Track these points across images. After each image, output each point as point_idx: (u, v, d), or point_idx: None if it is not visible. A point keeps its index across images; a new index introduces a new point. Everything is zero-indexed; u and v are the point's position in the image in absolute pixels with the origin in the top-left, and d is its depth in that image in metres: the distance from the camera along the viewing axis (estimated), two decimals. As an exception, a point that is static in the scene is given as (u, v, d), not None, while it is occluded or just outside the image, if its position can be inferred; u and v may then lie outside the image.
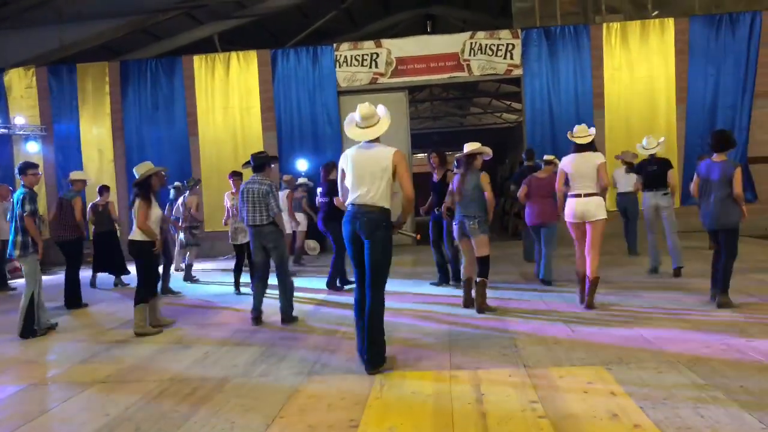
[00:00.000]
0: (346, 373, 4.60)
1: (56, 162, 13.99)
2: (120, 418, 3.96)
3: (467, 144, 6.67)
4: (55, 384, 4.85)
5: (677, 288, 7.14)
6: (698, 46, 13.01)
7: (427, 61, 13.60)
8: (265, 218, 6.49)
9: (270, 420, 3.76)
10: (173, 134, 14.05)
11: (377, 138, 4.75)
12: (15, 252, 6.50)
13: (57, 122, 14.13)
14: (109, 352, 5.74)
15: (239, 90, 13.96)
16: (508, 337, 5.34)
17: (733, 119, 12.89)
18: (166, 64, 14.12)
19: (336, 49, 13.78)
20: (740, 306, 5.99)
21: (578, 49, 13.29)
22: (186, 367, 5.02)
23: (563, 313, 6.18)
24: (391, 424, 3.59)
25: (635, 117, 13.13)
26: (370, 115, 4.76)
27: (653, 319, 5.73)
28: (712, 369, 4.19)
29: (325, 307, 7.24)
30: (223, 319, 7.01)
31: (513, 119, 25.11)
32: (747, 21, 12.91)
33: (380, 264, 4.64)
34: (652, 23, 13.20)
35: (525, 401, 3.81)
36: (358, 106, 4.80)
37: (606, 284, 7.25)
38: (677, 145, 12.96)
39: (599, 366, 4.40)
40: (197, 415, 3.91)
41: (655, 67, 13.15)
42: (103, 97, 14.10)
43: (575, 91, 13.34)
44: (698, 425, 3.31)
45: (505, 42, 13.41)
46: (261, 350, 5.42)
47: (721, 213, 6.01)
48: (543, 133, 13.36)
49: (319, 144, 13.86)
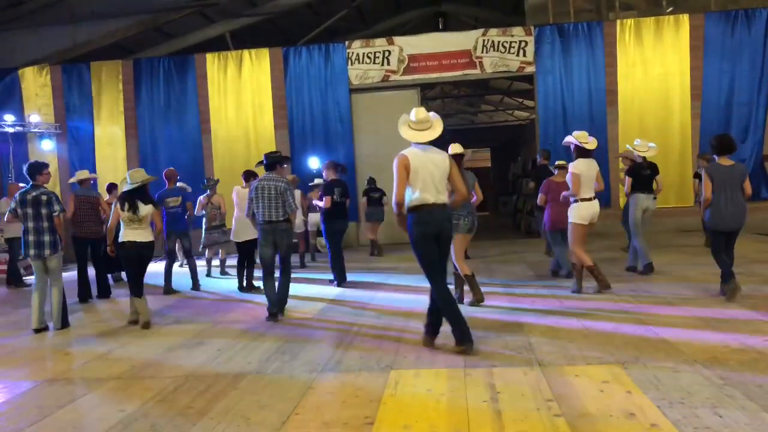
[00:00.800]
0: (360, 370, 4.59)
1: (70, 160, 14.11)
2: (135, 414, 3.97)
3: (454, 145, 6.84)
4: (70, 380, 4.89)
5: (684, 281, 7.09)
6: (713, 43, 12.91)
7: (440, 59, 13.58)
8: (281, 214, 6.60)
9: (285, 417, 3.76)
10: (186, 132, 14.14)
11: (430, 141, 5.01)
12: (46, 251, 6.53)
13: (71, 120, 14.25)
14: (124, 348, 5.77)
15: (251, 88, 14.01)
16: (522, 335, 5.32)
17: (748, 116, 12.79)
18: (179, 63, 14.20)
19: (348, 47, 13.79)
20: (758, 306, 5.94)
21: (592, 46, 13.23)
22: (200, 364, 5.04)
23: (577, 310, 6.15)
24: (405, 422, 3.58)
25: (649, 114, 13.05)
26: (426, 119, 5.02)
27: (667, 316, 5.68)
28: (730, 369, 4.14)
29: (338, 306, 7.24)
30: (236, 315, 7.03)
31: (524, 117, 25.00)
32: (763, 17, 12.79)
33: (448, 255, 5.13)
34: (666, 20, 13.10)
35: (540, 400, 3.79)
36: (414, 110, 5.06)
37: (616, 281, 7.23)
38: (692, 142, 12.86)
39: (615, 364, 4.37)
40: (212, 412, 3.92)
41: (670, 64, 13.06)
42: (116, 95, 14.20)
43: (588, 88, 13.28)
44: (716, 425, 3.28)
45: (518, 39, 13.37)
46: (275, 347, 5.43)
47: (740, 214, 6.27)
48: (556, 130, 13.30)
49: (330, 142, 13.88)
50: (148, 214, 6.70)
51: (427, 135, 4.97)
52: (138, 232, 6.63)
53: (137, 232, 6.62)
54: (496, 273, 8.94)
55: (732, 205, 6.22)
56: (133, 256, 6.64)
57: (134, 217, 6.60)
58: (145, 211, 6.66)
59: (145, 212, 6.65)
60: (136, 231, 6.62)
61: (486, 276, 8.63)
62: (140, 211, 6.61)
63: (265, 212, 6.60)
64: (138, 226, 6.63)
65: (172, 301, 8.19)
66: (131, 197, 6.64)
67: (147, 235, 6.70)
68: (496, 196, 26.07)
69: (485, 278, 8.45)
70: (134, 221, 6.62)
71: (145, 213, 6.65)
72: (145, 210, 6.67)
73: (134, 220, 6.61)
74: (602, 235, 11.75)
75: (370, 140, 13.73)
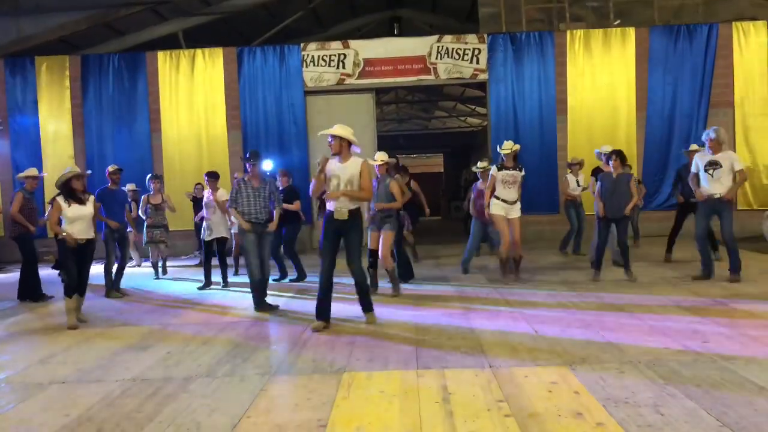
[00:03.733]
0: (312, 373, 4.58)
1: (12, 157, 13.59)
2: (81, 418, 3.87)
3: (380, 153, 8.03)
4: (10, 384, 4.71)
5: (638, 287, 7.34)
6: (658, 56, 13.36)
7: (395, 64, 13.65)
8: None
9: (236, 420, 3.72)
10: (135, 131, 13.77)
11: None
12: None
13: (13, 116, 13.73)
14: (68, 351, 5.60)
15: (204, 87, 13.77)
16: (473, 338, 5.40)
17: (689, 127, 13.26)
18: (130, 60, 13.85)
19: (303, 49, 13.72)
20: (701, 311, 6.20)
21: (543, 56, 13.51)
22: (148, 367, 4.93)
23: (526, 312, 6.28)
24: (358, 424, 3.59)
25: (597, 123, 13.41)
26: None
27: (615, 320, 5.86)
28: (671, 369, 4.31)
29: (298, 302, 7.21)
30: (186, 318, 6.91)
31: (477, 123, 25.36)
32: (704, 32, 13.30)
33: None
34: (614, 32, 13.50)
35: (491, 400, 3.86)
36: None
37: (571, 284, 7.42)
38: (637, 151, 13.28)
39: (563, 366, 4.48)
40: (161, 416, 3.85)
41: (617, 75, 13.45)
42: (63, 92, 13.75)
43: (539, 96, 13.55)
44: (658, 423, 3.40)
45: (472, 46, 13.56)
46: (226, 349, 5.37)
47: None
48: (507, 137, 13.44)
49: (284, 144, 13.77)
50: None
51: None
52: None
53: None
54: (448, 275, 9.03)
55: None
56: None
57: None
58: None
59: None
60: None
61: (439, 278, 8.74)
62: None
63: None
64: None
65: (119, 303, 7.99)
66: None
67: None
68: (448, 200, 26.33)
69: (438, 281, 8.56)
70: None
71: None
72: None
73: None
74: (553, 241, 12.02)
75: (324, 143, 13.62)
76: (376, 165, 7.80)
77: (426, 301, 7.19)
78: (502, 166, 8.14)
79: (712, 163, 7.56)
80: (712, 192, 7.56)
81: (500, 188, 8.09)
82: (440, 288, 8.08)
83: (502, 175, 8.07)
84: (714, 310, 6.12)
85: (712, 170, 7.55)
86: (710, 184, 7.58)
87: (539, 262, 10.00)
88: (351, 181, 5.87)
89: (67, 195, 6.67)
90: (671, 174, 13.20)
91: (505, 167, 8.11)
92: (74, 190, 6.68)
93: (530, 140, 13.42)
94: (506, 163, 8.11)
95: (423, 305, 6.93)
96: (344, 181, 5.89)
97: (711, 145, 7.61)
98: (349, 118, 13.69)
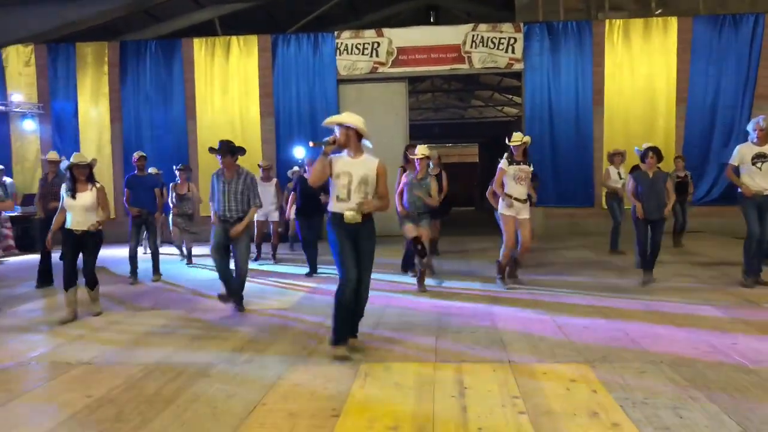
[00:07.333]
0: (331, 363, 4.60)
1: (53, 141, 13.95)
2: (103, 399, 3.96)
3: (421, 147, 7.52)
4: (41, 363, 4.85)
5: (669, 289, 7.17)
6: (701, 46, 12.97)
7: (428, 52, 13.54)
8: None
9: (252, 406, 3.77)
10: (171, 117, 14.01)
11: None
12: None
13: (54, 100, 14.08)
14: (96, 333, 5.74)
15: (238, 75, 13.90)
16: (494, 331, 5.35)
17: (732, 119, 12.86)
18: (166, 46, 14.05)
19: (337, 37, 13.71)
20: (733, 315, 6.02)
21: (580, 45, 13.25)
22: (171, 352, 5.02)
23: (550, 306, 6.20)
24: (371, 415, 3.59)
25: (634, 115, 13.11)
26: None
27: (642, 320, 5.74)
28: (696, 371, 4.19)
29: (317, 294, 7.25)
30: (210, 305, 6.99)
31: (514, 113, 25.02)
32: (750, 22, 12.86)
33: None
34: (655, 21, 13.14)
35: (506, 396, 3.82)
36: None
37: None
38: (676, 144, 12.94)
39: (583, 363, 4.41)
40: (179, 399, 3.91)
41: (657, 66, 13.10)
42: (101, 77, 14.04)
43: (575, 86, 13.30)
44: (676, 425, 3.32)
45: (507, 35, 13.36)
46: (247, 338, 5.43)
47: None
48: (542, 127, 13.33)
49: (316, 132, 13.77)
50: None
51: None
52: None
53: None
54: (475, 271, 8.96)
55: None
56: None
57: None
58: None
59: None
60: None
61: (465, 271, 8.69)
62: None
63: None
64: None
65: (144, 289, 8.15)
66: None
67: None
68: (481, 191, 26.06)
69: (465, 272, 8.50)
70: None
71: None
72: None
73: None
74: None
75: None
76: (416, 159, 7.37)
77: (450, 296, 7.10)
78: (512, 159, 7.19)
79: (761, 155, 6.85)
80: (763, 187, 6.85)
81: (511, 184, 7.16)
82: (466, 284, 7.97)
83: (513, 170, 7.13)
84: (748, 317, 5.93)
85: (761, 163, 6.85)
86: (758, 179, 6.89)
87: (566, 256, 9.85)
88: (365, 181, 4.77)
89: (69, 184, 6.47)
90: (713, 168, 12.86)
91: (515, 161, 7.19)
92: (75, 179, 6.44)
93: (565, 131, 13.23)
94: (516, 157, 7.17)
95: (447, 298, 6.87)
96: (357, 180, 4.76)
97: (760, 135, 6.88)
98: (381, 107, 13.78)
